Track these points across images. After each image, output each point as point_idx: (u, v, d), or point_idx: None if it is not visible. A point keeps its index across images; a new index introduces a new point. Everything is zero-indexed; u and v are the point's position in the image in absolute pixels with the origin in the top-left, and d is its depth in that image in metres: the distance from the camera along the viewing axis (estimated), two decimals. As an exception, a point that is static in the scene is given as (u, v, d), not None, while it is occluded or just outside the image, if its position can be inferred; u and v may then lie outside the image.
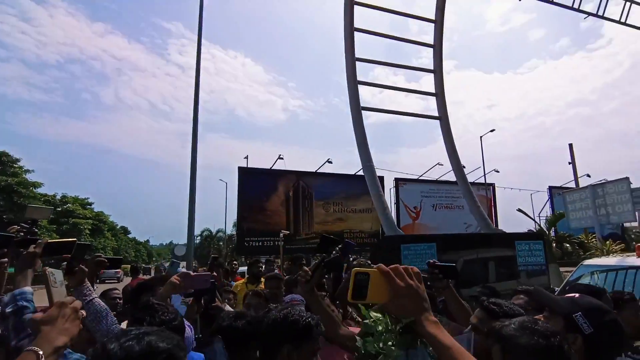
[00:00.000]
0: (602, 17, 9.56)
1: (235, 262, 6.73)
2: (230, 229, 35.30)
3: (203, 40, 9.73)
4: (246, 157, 19.59)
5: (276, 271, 5.23)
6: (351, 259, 3.86)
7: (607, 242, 9.01)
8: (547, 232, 14.73)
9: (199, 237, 40.16)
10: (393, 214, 19.02)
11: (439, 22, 7.84)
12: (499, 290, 3.64)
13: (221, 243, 39.78)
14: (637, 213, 9.78)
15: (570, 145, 19.14)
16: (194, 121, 8.95)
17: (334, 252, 3.71)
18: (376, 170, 6.57)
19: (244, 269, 8.75)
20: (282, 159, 17.33)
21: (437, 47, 7.84)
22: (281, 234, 9.32)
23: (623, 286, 3.83)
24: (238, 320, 1.89)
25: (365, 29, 7.41)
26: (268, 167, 17.51)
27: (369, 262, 3.68)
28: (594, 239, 11.15)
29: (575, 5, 9.30)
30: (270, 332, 1.44)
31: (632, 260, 4.11)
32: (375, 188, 6.17)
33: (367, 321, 1.33)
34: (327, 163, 18.11)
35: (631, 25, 9.85)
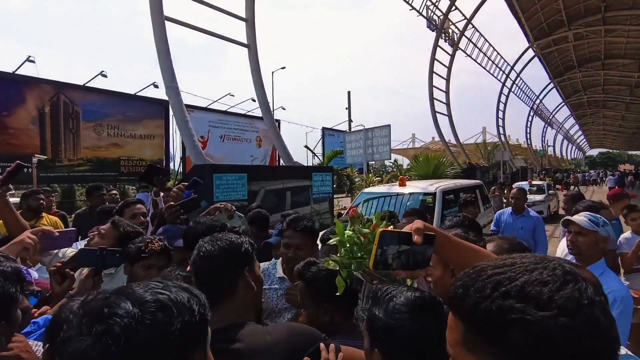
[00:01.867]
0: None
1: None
2: None
3: None
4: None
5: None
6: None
7: (370, 175, 11.83)
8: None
9: None
10: (178, 143, 17.97)
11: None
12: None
13: None
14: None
15: (349, 93, 22.66)
16: None
17: (155, 179, 3.30)
18: (158, 95, 5.96)
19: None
20: (32, 61, 13.21)
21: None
22: (34, 159, 7.42)
23: (390, 207, 5.12)
24: None
25: None
26: (9, 70, 13.06)
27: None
28: (356, 172, 14.36)
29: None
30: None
31: (396, 188, 5.53)
32: (181, 113, 5.66)
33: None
34: (100, 76, 15.01)
35: None
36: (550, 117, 53.36)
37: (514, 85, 35.45)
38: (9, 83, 12.97)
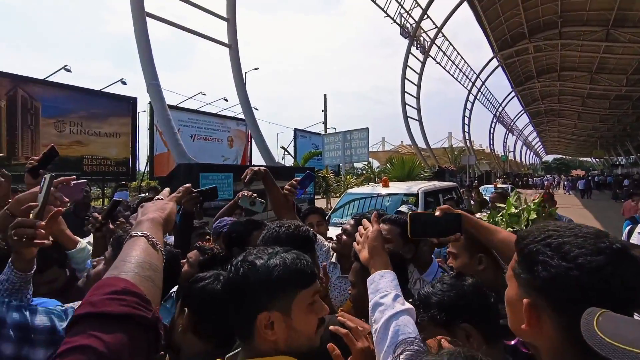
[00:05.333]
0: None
1: None
2: None
3: None
4: None
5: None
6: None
7: (348, 176, 12.00)
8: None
9: None
10: (146, 141, 17.33)
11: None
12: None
13: None
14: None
15: (325, 96, 22.77)
16: None
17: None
18: (126, 91, 5.77)
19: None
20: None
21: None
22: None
23: (375, 207, 5.20)
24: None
25: None
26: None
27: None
28: (332, 174, 14.54)
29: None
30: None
31: (379, 189, 5.63)
32: (163, 110, 5.50)
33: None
34: (63, 70, 14.27)
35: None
36: (512, 124, 56.04)
37: (479, 93, 36.98)
38: (-39, 75, 12.12)
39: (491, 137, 49.01)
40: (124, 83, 16.21)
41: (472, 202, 9.73)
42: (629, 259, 0.69)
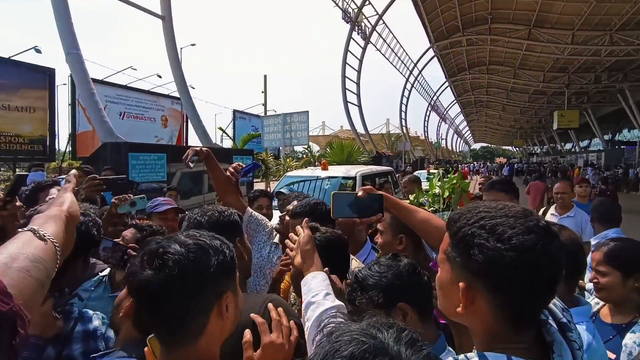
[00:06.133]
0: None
1: None
2: None
3: None
4: None
5: None
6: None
7: (288, 159, 11.89)
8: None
9: None
10: (66, 117, 15.81)
11: None
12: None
13: None
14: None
15: (265, 77, 22.12)
16: None
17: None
18: (40, 61, 5.17)
19: None
20: None
21: None
22: None
23: (312, 191, 5.24)
24: None
25: None
26: None
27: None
28: (272, 157, 14.36)
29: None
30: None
31: (319, 172, 5.68)
32: (85, 84, 4.99)
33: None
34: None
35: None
36: (444, 113, 59.46)
37: (416, 82, 38.57)
38: None
39: (426, 124, 51.70)
40: (38, 51, 14.49)
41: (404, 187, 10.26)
42: (554, 236, 0.72)
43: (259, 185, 15.53)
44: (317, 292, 1.12)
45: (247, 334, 0.98)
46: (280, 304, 1.16)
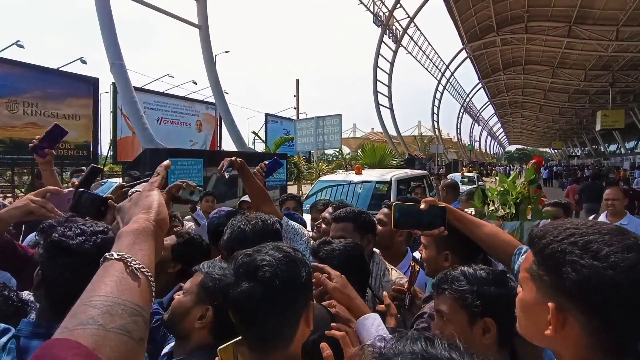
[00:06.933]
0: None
1: None
2: None
3: None
4: None
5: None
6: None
7: (320, 163, 11.96)
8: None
9: None
10: (108, 124, 16.56)
11: None
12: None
13: None
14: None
15: (297, 81, 22.46)
16: None
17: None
18: (86, 71, 5.45)
19: None
20: None
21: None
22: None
23: (346, 196, 5.22)
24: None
25: None
26: None
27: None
28: (303, 160, 14.51)
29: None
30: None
31: (352, 177, 5.66)
32: (128, 92, 5.22)
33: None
34: (15, 46, 13.28)
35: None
36: (478, 115, 57.77)
37: (448, 83, 37.75)
38: None
39: (458, 126, 50.39)
40: (84, 62, 15.29)
41: (439, 190, 10.03)
42: None
43: (291, 189, 15.68)
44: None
45: (326, 348, 0.93)
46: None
